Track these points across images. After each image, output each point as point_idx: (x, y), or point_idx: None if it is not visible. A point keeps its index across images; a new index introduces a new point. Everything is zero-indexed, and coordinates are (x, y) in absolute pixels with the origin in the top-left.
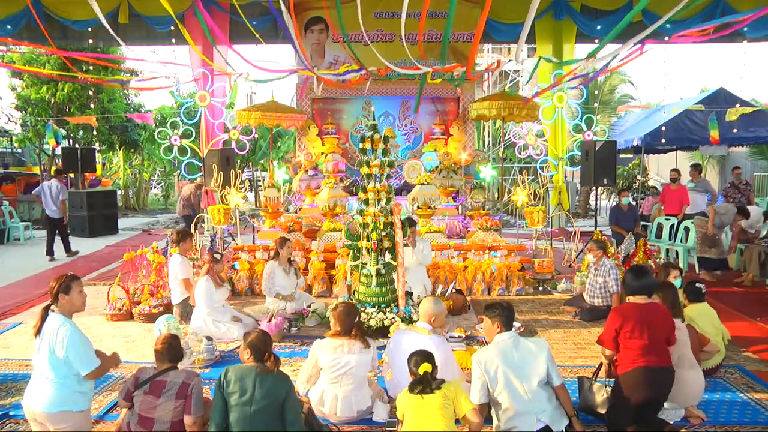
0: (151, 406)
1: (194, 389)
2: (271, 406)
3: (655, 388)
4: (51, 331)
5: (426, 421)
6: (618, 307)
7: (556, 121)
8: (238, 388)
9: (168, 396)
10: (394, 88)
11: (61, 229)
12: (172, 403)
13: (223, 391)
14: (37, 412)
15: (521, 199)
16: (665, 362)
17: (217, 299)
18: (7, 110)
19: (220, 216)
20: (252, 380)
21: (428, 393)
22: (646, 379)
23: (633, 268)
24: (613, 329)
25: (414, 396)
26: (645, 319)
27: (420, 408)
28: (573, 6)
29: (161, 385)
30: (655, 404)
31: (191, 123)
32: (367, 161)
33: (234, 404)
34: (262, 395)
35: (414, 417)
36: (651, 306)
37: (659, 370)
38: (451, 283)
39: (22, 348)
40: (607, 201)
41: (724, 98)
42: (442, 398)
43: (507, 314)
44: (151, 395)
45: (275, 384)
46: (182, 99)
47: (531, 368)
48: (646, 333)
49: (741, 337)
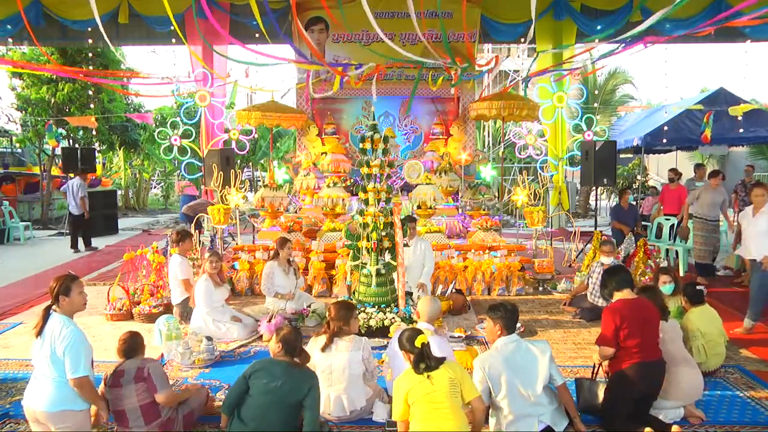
0: (118, 399)
1: (150, 370)
2: (291, 400)
3: (650, 382)
4: (53, 331)
5: (437, 415)
6: (611, 306)
7: (556, 121)
8: (267, 375)
9: (126, 382)
10: (394, 88)
11: (83, 224)
12: (132, 388)
13: (248, 378)
14: (38, 412)
15: (521, 199)
16: (657, 355)
17: (217, 299)
18: (7, 110)
19: (220, 216)
20: (282, 370)
21: (434, 369)
22: (642, 374)
23: (605, 270)
24: (613, 327)
25: (421, 379)
26: (639, 315)
27: (429, 397)
28: (573, 6)
29: (120, 374)
30: (648, 399)
31: (191, 123)
32: (367, 161)
33: (257, 392)
34: (288, 388)
35: (423, 408)
36: (640, 302)
37: (653, 364)
38: (451, 283)
39: (22, 348)
40: (607, 201)
41: (724, 98)
42: (449, 384)
43: (510, 317)
44: (115, 387)
45: (302, 379)
46: (182, 99)
47: (534, 372)
48: (641, 330)
49: (741, 337)
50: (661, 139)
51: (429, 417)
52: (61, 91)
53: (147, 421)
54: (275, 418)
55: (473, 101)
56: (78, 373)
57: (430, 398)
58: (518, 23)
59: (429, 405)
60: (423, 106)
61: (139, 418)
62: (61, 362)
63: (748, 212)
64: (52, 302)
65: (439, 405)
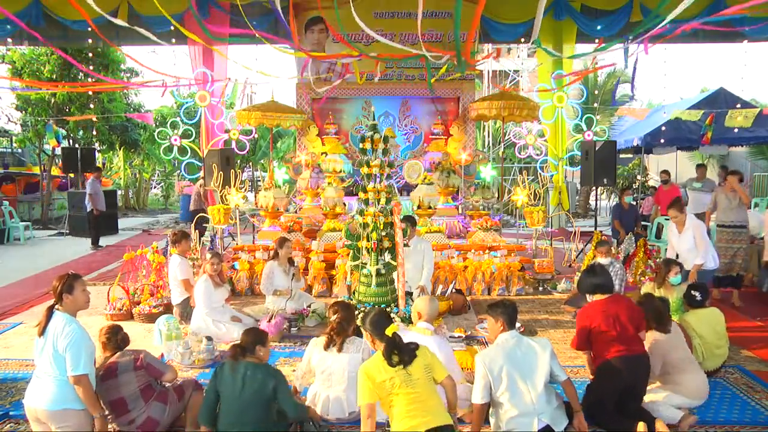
0: (114, 388)
1: (146, 358)
2: (261, 397)
3: (629, 376)
4: (55, 329)
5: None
6: (581, 310)
7: (556, 121)
8: (231, 381)
9: (123, 372)
10: (394, 88)
11: (91, 220)
12: (131, 375)
13: (217, 388)
14: (39, 410)
15: (521, 199)
16: (638, 350)
17: (217, 299)
18: (7, 110)
19: (220, 216)
20: (243, 373)
21: (409, 364)
22: (620, 368)
23: (586, 268)
24: (585, 333)
25: (397, 370)
26: (610, 311)
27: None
28: (573, 6)
29: (113, 367)
30: (633, 392)
31: (191, 123)
32: (367, 161)
33: (227, 400)
34: (255, 387)
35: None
36: (612, 298)
37: (632, 358)
38: (451, 283)
39: (22, 348)
40: (607, 201)
41: (724, 98)
42: (425, 371)
43: (511, 312)
44: (110, 379)
45: (266, 374)
46: (182, 99)
47: (535, 367)
48: (613, 325)
49: (741, 337)
50: (660, 139)
51: (411, 409)
52: (61, 91)
53: (146, 401)
54: (253, 417)
55: (473, 101)
56: (78, 370)
57: (411, 386)
58: (518, 23)
59: (409, 396)
60: (423, 106)
61: (138, 399)
62: (63, 360)
63: (674, 229)
64: (55, 301)
65: (420, 395)
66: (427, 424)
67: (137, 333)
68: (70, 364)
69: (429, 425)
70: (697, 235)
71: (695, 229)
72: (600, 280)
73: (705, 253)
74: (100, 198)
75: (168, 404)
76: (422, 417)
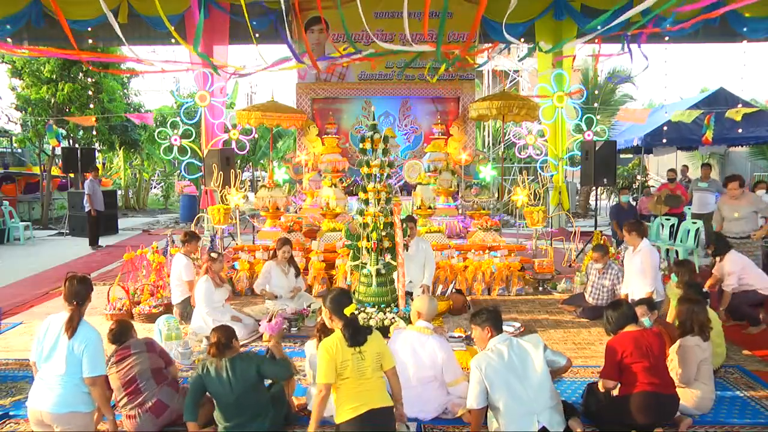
0: (128, 368)
1: (156, 343)
2: (249, 383)
3: (656, 415)
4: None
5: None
6: (613, 339)
7: (556, 121)
8: (218, 382)
9: (137, 352)
10: (394, 88)
11: (89, 220)
12: (144, 355)
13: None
14: (44, 413)
15: (521, 199)
16: (669, 389)
17: (217, 299)
18: (7, 110)
19: (220, 216)
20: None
21: (363, 344)
22: (649, 405)
23: (612, 304)
24: (616, 360)
25: (353, 352)
26: (643, 343)
27: (359, 372)
28: (573, 6)
29: (126, 349)
30: (651, 427)
31: (191, 123)
32: (367, 161)
33: (220, 399)
34: (240, 379)
35: (353, 383)
36: (644, 332)
37: (663, 397)
38: (451, 283)
39: (22, 348)
40: (607, 201)
41: (724, 98)
42: (376, 358)
43: (494, 317)
44: (124, 359)
45: (246, 362)
46: (182, 99)
47: (530, 367)
48: (646, 355)
49: (741, 337)
50: (661, 139)
51: (358, 391)
52: (61, 91)
53: (158, 383)
54: (249, 402)
55: (473, 101)
56: (96, 372)
57: (360, 373)
58: (518, 23)
59: (356, 382)
60: (423, 106)
61: (150, 379)
62: (78, 361)
63: (630, 250)
64: (79, 303)
65: (365, 384)
66: (367, 405)
67: (137, 333)
68: (87, 366)
69: (369, 407)
70: (645, 261)
71: (644, 254)
72: (630, 311)
73: (653, 281)
74: (98, 198)
75: (178, 392)
76: (364, 400)
